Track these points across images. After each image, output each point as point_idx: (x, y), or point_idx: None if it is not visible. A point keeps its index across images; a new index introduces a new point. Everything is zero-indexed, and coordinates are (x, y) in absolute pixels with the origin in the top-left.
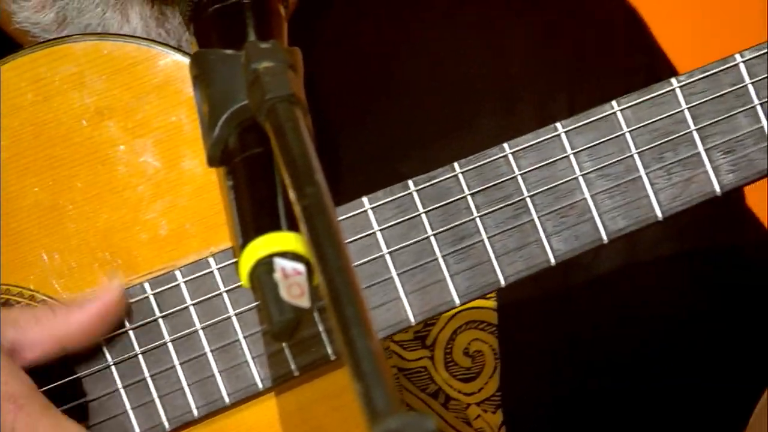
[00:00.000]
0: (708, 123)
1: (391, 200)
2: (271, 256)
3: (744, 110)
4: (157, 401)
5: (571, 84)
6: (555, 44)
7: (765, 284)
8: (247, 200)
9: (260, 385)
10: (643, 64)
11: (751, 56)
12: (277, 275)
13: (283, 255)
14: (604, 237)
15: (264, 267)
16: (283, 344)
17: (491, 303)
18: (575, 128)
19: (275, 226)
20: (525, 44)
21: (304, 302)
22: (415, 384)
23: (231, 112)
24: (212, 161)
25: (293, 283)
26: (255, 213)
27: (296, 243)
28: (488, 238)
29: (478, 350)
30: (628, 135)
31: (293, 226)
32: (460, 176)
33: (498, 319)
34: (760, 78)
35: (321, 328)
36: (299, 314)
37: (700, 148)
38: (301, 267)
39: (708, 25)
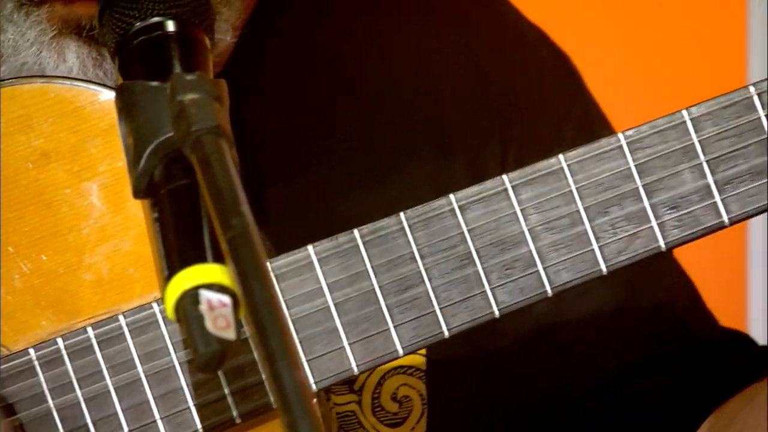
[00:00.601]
0: (654, 178)
1: (337, 249)
2: (196, 288)
3: (690, 167)
4: None
5: (503, 130)
6: (486, 90)
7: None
8: (173, 232)
9: None
10: (574, 113)
11: (698, 112)
12: (203, 307)
13: (209, 287)
14: (549, 290)
15: (189, 299)
16: (225, 391)
17: (420, 362)
18: (522, 181)
19: (201, 258)
20: (457, 89)
21: (230, 334)
22: (343, 428)
23: (156, 143)
24: (137, 193)
25: (219, 315)
26: (180, 245)
27: (222, 275)
28: (433, 289)
29: (405, 396)
30: (574, 189)
31: (219, 258)
32: (406, 226)
33: (426, 364)
34: (706, 134)
35: (264, 375)
36: (225, 346)
37: (646, 203)
38: (226, 299)
39: (640, 75)
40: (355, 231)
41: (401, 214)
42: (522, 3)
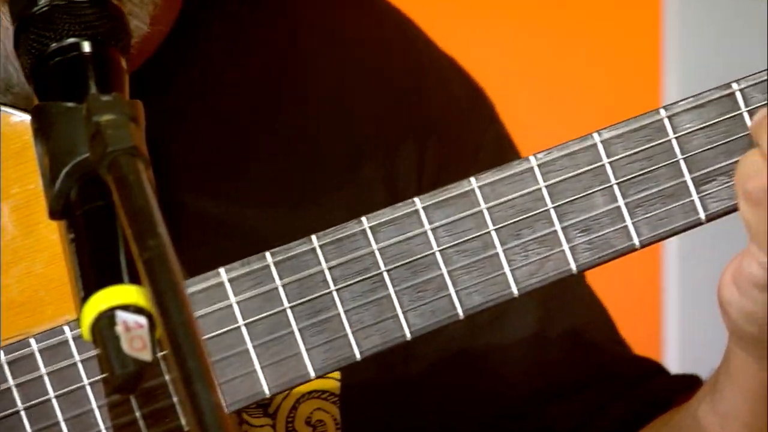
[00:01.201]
0: (565, 201)
1: (248, 272)
2: (112, 309)
3: (601, 189)
4: None
5: (420, 154)
6: (403, 116)
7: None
8: (89, 253)
9: None
10: (488, 141)
11: (609, 135)
12: (119, 328)
13: (125, 308)
14: (461, 313)
15: (105, 320)
16: (137, 414)
17: (335, 373)
18: (433, 203)
19: (117, 279)
20: (375, 114)
21: (146, 355)
22: None
23: (73, 164)
24: (53, 214)
25: (135, 336)
26: (96, 266)
27: (138, 296)
28: (345, 311)
29: (320, 420)
30: (485, 211)
31: (135, 279)
32: (318, 249)
33: (341, 389)
34: (617, 157)
35: (176, 399)
36: (141, 367)
37: (557, 226)
38: (143, 320)
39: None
40: (267, 253)
41: (313, 236)
42: (437, 34)
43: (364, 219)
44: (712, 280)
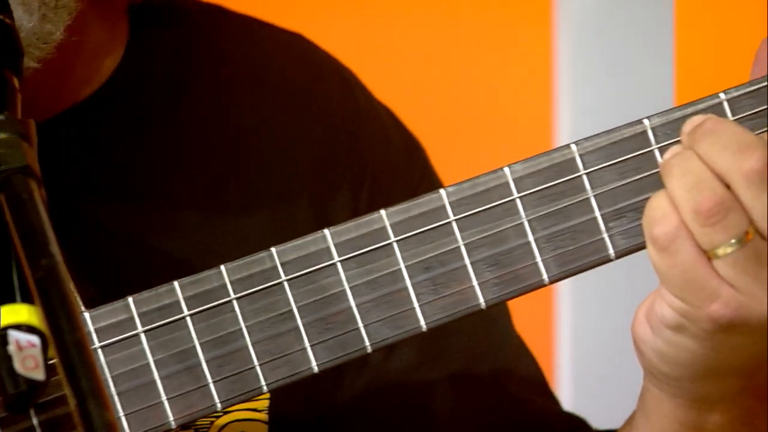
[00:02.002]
0: (475, 236)
1: (156, 300)
2: (4, 329)
3: (512, 225)
4: None
5: (354, 198)
6: (339, 161)
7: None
8: None
9: None
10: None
11: (519, 169)
12: (11, 348)
13: (17, 327)
14: (369, 347)
15: None
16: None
17: (263, 416)
18: (343, 236)
19: (9, 298)
20: (309, 157)
21: (39, 374)
22: None
23: None
24: None
25: (28, 355)
26: None
27: (31, 315)
28: (252, 344)
29: None
30: (395, 245)
31: (28, 298)
32: (227, 279)
33: (269, 418)
34: (527, 192)
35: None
36: (34, 386)
37: (467, 261)
38: (35, 339)
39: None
40: (176, 282)
41: (222, 266)
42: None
43: (273, 250)
44: (606, 306)
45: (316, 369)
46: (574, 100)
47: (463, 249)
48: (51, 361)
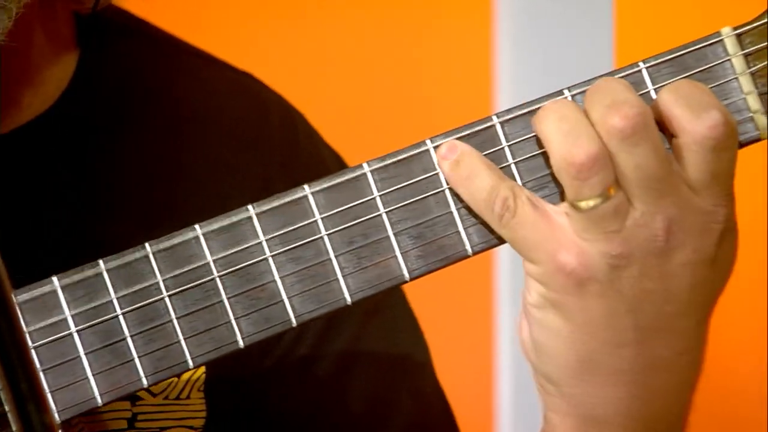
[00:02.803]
0: (397, 207)
1: (81, 279)
2: None
3: (433, 194)
4: None
5: None
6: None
7: None
8: None
9: None
10: None
11: (441, 142)
12: None
13: None
14: (293, 320)
15: None
16: None
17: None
18: (266, 211)
19: None
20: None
21: None
22: None
23: None
24: None
25: None
26: None
27: None
28: (177, 319)
29: None
30: (318, 219)
31: None
32: (151, 256)
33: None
34: None
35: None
36: None
37: (390, 232)
38: None
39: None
40: (101, 261)
41: (146, 244)
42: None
43: (197, 226)
44: None
45: (241, 344)
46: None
47: (386, 221)
48: None
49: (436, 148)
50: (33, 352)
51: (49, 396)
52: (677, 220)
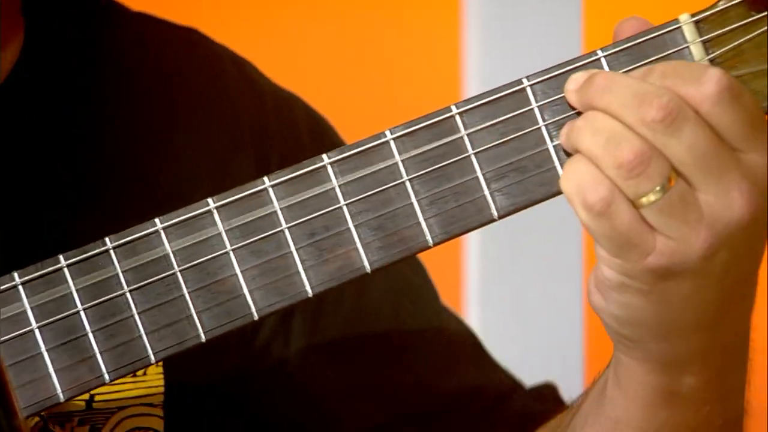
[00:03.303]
0: (357, 198)
1: (42, 274)
2: None
3: (394, 186)
4: None
5: None
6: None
7: None
8: None
9: None
10: None
11: (401, 133)
12: None
13: None
14: (255, 314)
15: None
16: None
17: (158, 410)
18: (226, 203)
19: None
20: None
21: None
22: None
23: None
24: None
25: None
26: None
27: None
28: (138, 314)
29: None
30: (279, 211)
31: None
32: (111, 251)
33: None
34: (409, 155)
35: None
36: None
37: (350, 225)
38: None
39: None
40: (61, 256)
41: (106, 238)
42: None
43: (156, 220)
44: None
45: (203, 338)
46: (482, 74)
47: (346, 213)
48: None
49: (395, 139)
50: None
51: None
52: (751, 188)
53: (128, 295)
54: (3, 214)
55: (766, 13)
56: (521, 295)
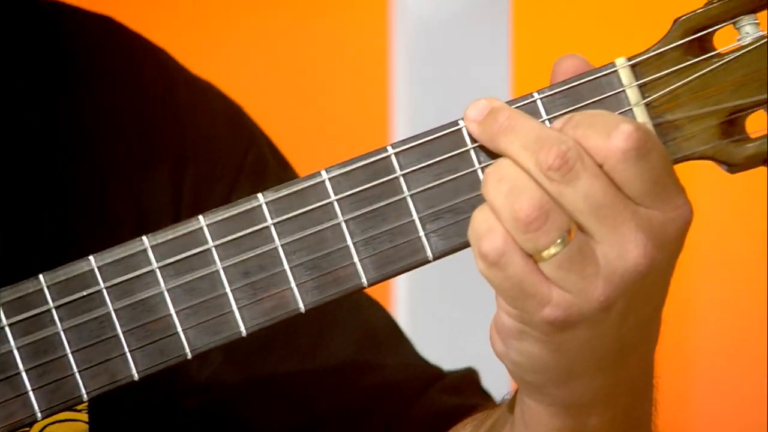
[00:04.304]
0: (294, 239)
1: None
2: None
3: (330, 227)
4: None
5: (174, 185)
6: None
7: None
8: None
9: None
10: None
11: (337, 173)
12: None
13: None
14: (188, 353)
15: None
16: None
17: (83, 415)
18: (162, 242)
19: None
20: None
21: None
22: None
23: None
24: None
25: None
26: None
27: None
28: (72, 352)
29: None
30: (213, 250)
31: None
32: (45, 288)
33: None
34: (345, 194)
35: None
36: None
37: (285, 265)
38: None
39: None
40: None
41: (40, 276)
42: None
43: (91, 258)
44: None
45: (136, 376)
46: (411, 102)
47: (281, 253)
48: None
49: (331, 179)
50: None
51: None
52: (645, 239)
53: (61, 332)
54: None
55: (701, 58)
56: (451, 283)
